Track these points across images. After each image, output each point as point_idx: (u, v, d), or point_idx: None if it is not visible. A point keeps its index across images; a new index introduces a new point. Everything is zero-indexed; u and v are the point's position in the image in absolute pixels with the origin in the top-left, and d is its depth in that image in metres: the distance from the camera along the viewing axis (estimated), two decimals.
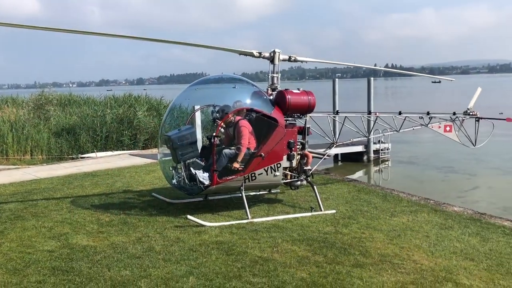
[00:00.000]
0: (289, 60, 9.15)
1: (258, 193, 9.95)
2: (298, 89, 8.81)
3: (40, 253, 6.45)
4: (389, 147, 19.81)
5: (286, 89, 8.71)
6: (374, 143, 19.43)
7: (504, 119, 12.12)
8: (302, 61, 9.36)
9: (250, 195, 9.29)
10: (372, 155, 19.53)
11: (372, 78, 20.02)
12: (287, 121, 8.64)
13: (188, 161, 8.53)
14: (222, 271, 5.83)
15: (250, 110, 8.51)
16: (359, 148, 19.41)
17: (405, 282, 5.65)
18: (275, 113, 8.49)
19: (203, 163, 8.69)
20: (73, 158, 19.38)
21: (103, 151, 20.58)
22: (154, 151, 18.89)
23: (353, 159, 19.52)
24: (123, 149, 21.10)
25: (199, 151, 8.76)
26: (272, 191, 10.05)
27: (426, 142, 24.08)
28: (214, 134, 8.30)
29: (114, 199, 9.77)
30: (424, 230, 7.72)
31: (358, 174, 17.70)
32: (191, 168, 8.48)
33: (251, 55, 9.01)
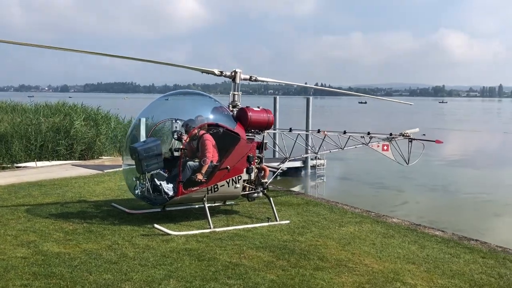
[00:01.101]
0: (250, 79, 9.78)
1: (213, 204, 10.40)
2: (258, 107, 9.44)
3: (14, 259, 6.52)
4: (325, 164, 20.89)
5: (247, 107, 9.31)
6: (311, 159, 20.41)
7: (434, 141, 13.55)
8: (262, 81, 10.04)
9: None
10: (309, 170, 20.48)
11: (311, 97, 21.15)
12: (247, 137, 9.23)
13: (152, 172, 8.85)
14: (198, 275, 6.26)
15: (216, 125, 9.01)
16: (297, 164, 20.32)
17: (361, 282, 6.40)
18: (238, 129, 9.05)
19: (166, 175, 9.05)
20: (4, 168, 18.65)
21: (39, 160, 20.02)
22: (97, 162, 18.69)
23: (291, 174, 20.40)
24: (59, 159, 20.63)
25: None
26: (227, 203, 10.55)
27: (358, 160, 25.63)
28: (181, 147, 8.71)
29: (70, 209, 9.80)
30: (370, 239, 8.58)
31: (297, 189, 18.54)
32: (155, 179, 8.82)
33: (213, 73, 9.57)
